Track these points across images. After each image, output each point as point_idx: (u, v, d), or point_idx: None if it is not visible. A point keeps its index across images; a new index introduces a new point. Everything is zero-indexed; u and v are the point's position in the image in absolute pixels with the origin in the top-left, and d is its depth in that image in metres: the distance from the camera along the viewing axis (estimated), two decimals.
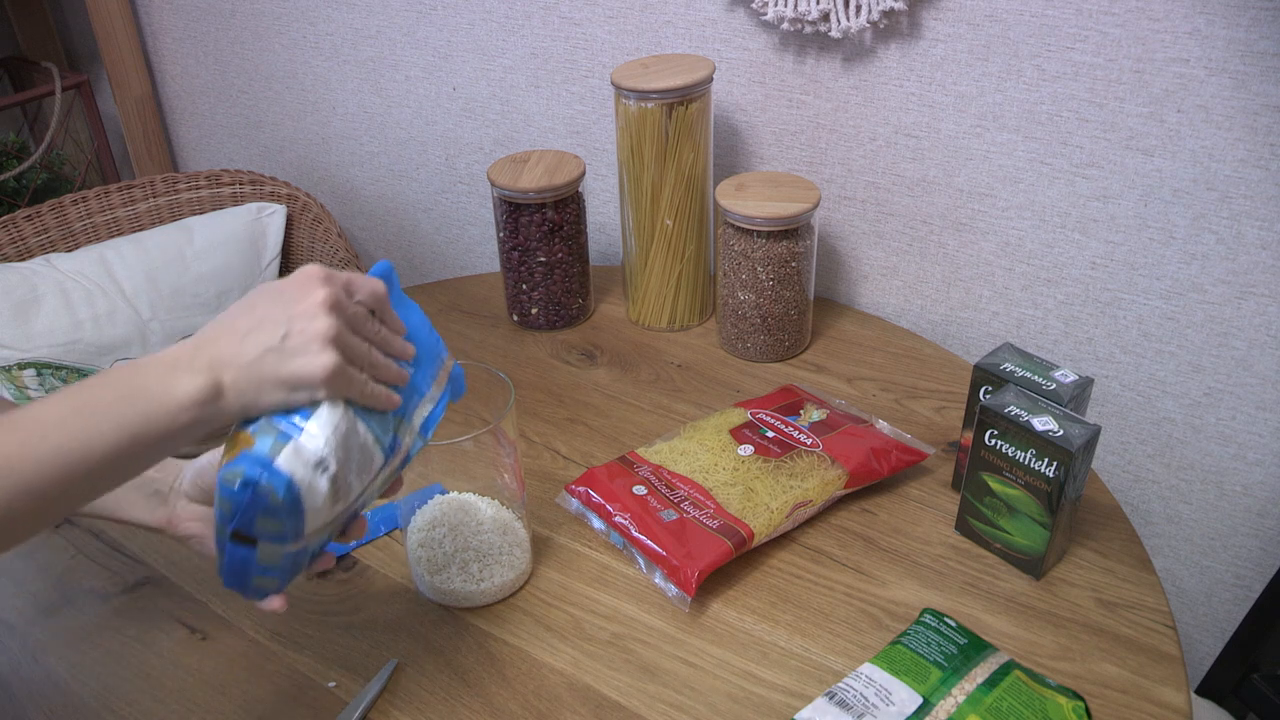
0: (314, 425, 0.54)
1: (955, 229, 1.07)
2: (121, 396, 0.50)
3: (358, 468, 0.57)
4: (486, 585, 0.77)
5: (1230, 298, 0.94)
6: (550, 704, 0.70)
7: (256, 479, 0.52)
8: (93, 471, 0.48)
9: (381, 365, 0.58)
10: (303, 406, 0.54)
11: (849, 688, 0.66)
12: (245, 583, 0.57)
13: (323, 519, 0.56)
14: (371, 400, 0.57)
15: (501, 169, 1.08)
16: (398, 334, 0.60)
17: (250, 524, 0.53)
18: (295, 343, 0.52)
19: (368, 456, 0.58)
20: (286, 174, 1.68)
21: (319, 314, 0.53)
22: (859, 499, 0.87)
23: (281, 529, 0.54)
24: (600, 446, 0.95)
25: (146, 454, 0.51)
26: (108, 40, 1.65)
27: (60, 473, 0.47)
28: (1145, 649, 0.72)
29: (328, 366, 0.53)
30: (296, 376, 0.53)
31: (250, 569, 0.56)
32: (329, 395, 0.54)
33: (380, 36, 1.41)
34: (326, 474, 0.54)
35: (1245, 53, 0.85)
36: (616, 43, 1.20)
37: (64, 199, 1.38)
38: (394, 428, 0.60)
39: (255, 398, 0.53)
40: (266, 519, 0.53)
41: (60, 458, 0.47)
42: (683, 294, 1.11)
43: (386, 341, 0.59)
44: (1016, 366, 0.80)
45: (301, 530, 0.55)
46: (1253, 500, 1.02)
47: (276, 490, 0.52)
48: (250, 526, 0.54)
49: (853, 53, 1.04)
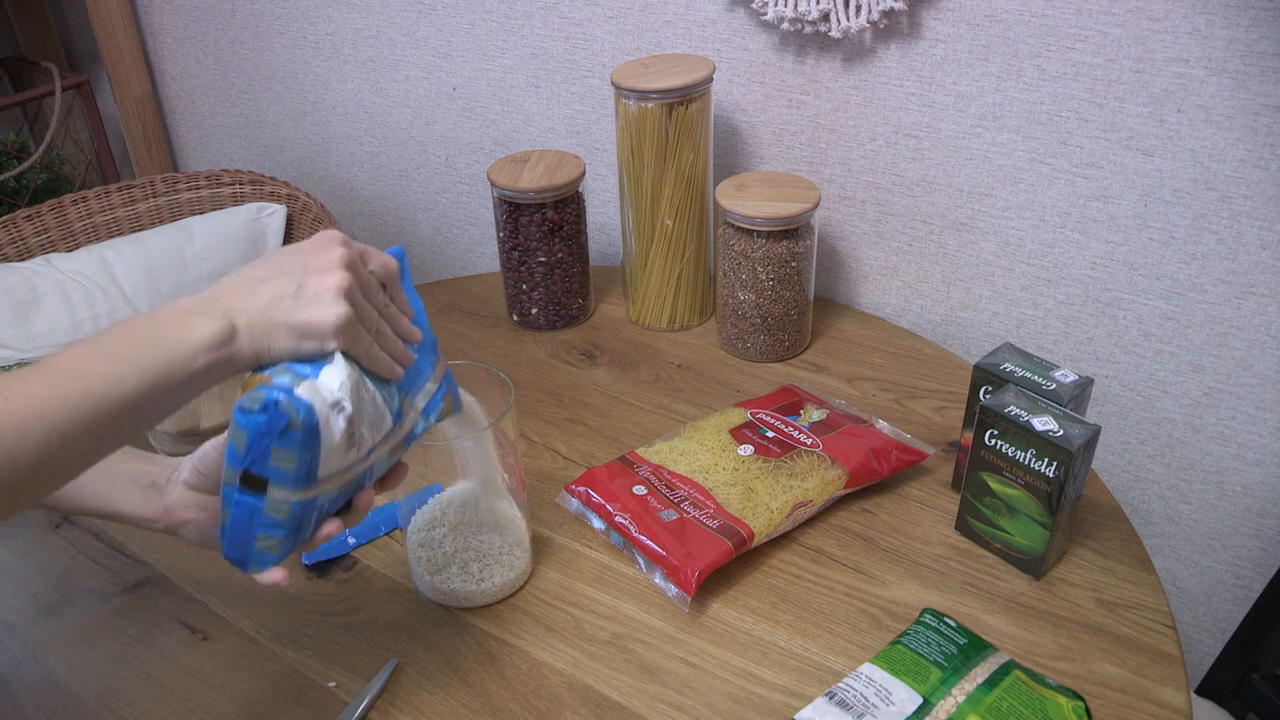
0: (327, 373, 0.54)
1: (955, 229, 1.07)
2: (141, 342, 0.51)
3: (370, 421, 0.57)
4: (486, 585, 0.77)
5: (1230, 298, 0.95)
6: (550, 704, 0.70)
7: (278, 400, 0.52)
8: (118, 417, 0.50)
9: (388, 335, 0.59)
10: (313, 357, 0.55)
11: (849, 688, 0.66)
12: (247, 546, 0.56)
13: (336, 464, 0.55)
14: (377, 364, 0.58)
15: (501, 169, 1.08)
16: (405, 314, 0.61)
17: (265, 457, 0.53)
18: (309, 293, 0.54)
19: (379, 414, 0.58)
20: (286, 174, 1.68)
21: (335, 269, 0.54)
22: (859, 499, 0.87)
23: (295, 464, 0.53)
24: (600, 446, 0.95)
25: (168, 399, 0.52)
26: (108, 40, 1.65)
27: (88, 417, 0.49)
28: (1145, 649, 0.72)
29: (340, 316, 0.54)
30: (308, 324, 0.53)
31: (255, 524, 0.55)
32: (338, 346, 0.54)
33: (380, 36, 1.41)
34: (343, 415, 0.54)
35: (1245, 53, 0.85)
36: (616, 43, 1.20)
37: (64, 199, 1.38)
38: (399, 401, 0.60)
39: (267, 343, 0.53)
40: (282, 450, 0.53)
41: (88, 402, 0.48)
42: (683, 294, 1.11)
43: (394, 317, 0.60)
44: (1016, 366, 0.80)
45: (315, 471, 0.54)
46: (1253, 500, 1.02)
47: (298, 411, 0.52)
48: (264, 461, 0.53)
49: (853, 53, 1.04)
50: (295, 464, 0.53)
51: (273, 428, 0.52)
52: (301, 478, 0.54)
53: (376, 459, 0.60)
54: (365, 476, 0.60)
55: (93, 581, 0.82)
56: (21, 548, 0.87)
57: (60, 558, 0.85)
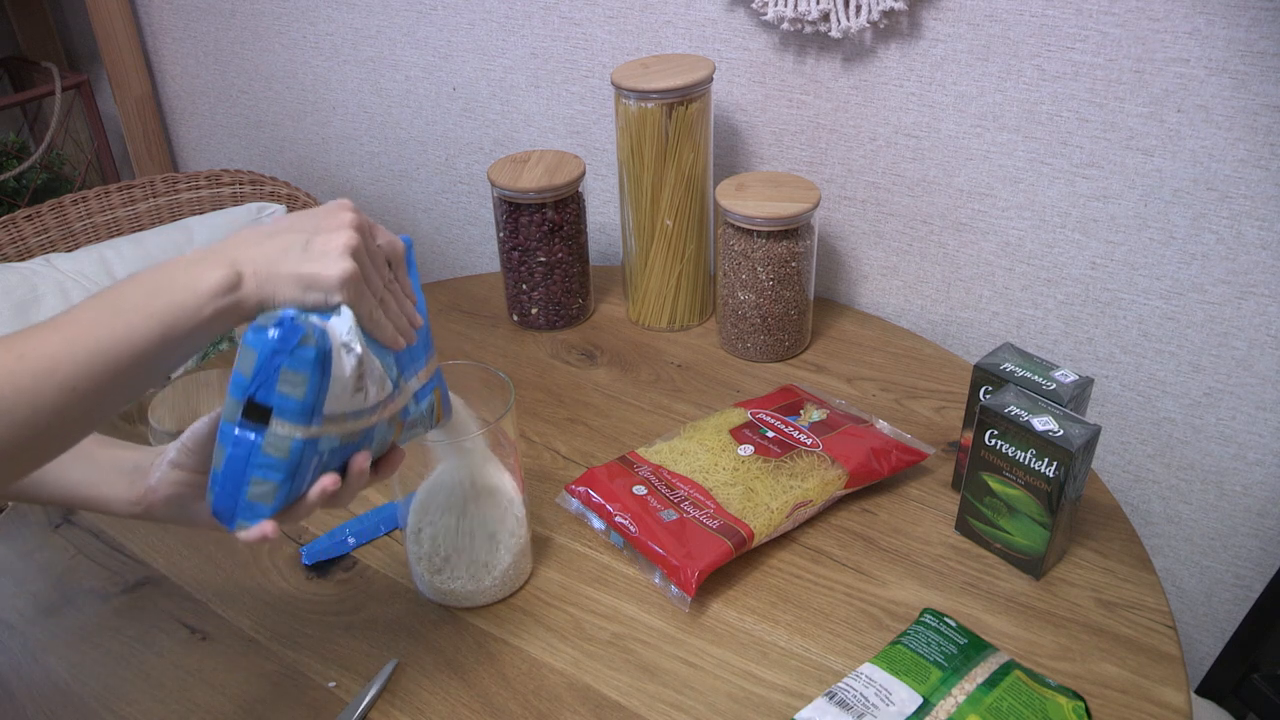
0: (335, 321, 0.55)
1: (955, 229, 1.07)
2: (150, 291, 0.52)
3: (375, 377, 0.57)
4: (486, 585, 0.77)
5: (1230, 298, 0.95)
6: (550, 704, 0.70)
7: (293, 315, 0.52)
8: (129, 368, 0.50)
9: (392, 306, 0.59)
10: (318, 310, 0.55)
11: (849, 688, 0.66)
12: (239, 492, 0.55)
13: (341, 404, 0.55)
14: (379, 329, 0.58)
15: (501, 169, 1.08)
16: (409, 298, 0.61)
17: (273, 379, 0.52)
18: (316, 248, 0.54)
19: (381, 375, 0.58)
20: (286, 174, 1.68)
21: (344, 229, 0.55)
22: (859, 499, 0.87)
23: (304, 390, 0.53)
24: (600, 446, 0.95)
25: (177, 348, 0.52)
26: (108, 40, 1.65)
27: (100, 369, 0.49)
28: (1145, 649, 0.72)
29: (346, 271, 0.54)
30: (314, 275, 0.54)
31: (251, 464, 0.54)
32: (343, 299, 0.54)
33: (380, 36, 1.41)
34: (352, 355, 0.54)
35: (1245, 53, 0.85)
36: (616, 43, 1.20)
37: (64, 199, 1.38)
38: (396, 375, 0.59)
39: (272, 290, 0.54)
40: (292, 373, 0.52)
41: (101, 353, 0.49)
42: (683, 294, 1.11)
43: (398, 296, 0.60)
44: (1016, 366, 0.80)
45: (321, 403, 0.54)
46: (1253, 500, 1.02)
47: (312, 332, 0.52)
48: (272, 385, 0.52)
49: (853, 53, 1.04)
50: (304, 389, 0.53)
51: (287, 343, 0.52)
52: (307, 408, 0.53)
53: (378, 421, 0.59)
54: (364, 440, 0.59)
55: (93, 581, 0.82)
56: (21, 548, 0.87)
57: (60, 558, 0.85)
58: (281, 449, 0.54)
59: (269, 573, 0.82)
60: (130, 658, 0.75)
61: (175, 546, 0.85)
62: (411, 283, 0.62)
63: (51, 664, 0.75)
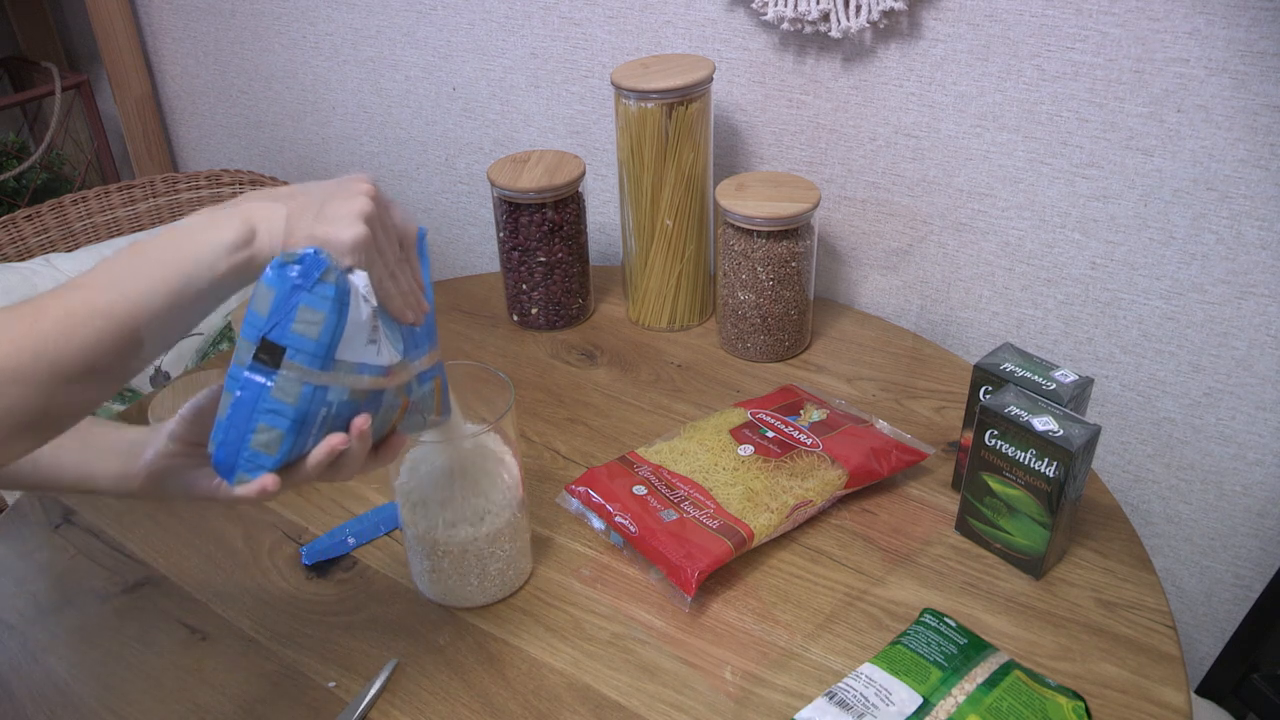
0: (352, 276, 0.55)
1: (955, 229, 1.07)
2: (168, 246, 0.53)
3: (387, 337, 0.57)
4: (487, 585, 0.77)
5: (1230, 298, 0.95)
6: (550, 704, 0.70)
7: (316, 251, 0.52)
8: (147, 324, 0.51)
9: (401, 280, 0.59)
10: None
11: (849, 688, 0.66)
12: (242, 441, 0.54)
13: (354, 354, 0.55)
14: (389, 298, 0.58)
15: (501, 169, 1.08)
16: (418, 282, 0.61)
17: (290, 317, 0.52)
18: (330, 212, 0.55)
19: (391, 340, 0.58)
20: (286, 174, 1.68)
21: (360, 196, 0.56)
22: (859, 499, 0.87)
23: (320, 330, 0.53)
24: (600, 446, 0.95)
25: (193, 306, 0.53)
26: (108, 40, 1.65)
27: (123, 326, 0.50)
28: (1145, 649, 0.72)
29: (358, 234, 0.54)
30: (326, 237, 0.54)
31: (258, 410, 0.53)
32: (353, 263, 0.55)
33: (380, 36, 1.41)
34: (369, 305, 0.55)
35: (1245, 53, 0.85)
36: (616, 43, 1.20)
37: (64, 199, 1.38)
38: (402, 350, 0.59)
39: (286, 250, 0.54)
40: (310, 311, 0.52)
41: (124, 309, 0.50)
42: (683, 294, 1.11)
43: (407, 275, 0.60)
44: (1016, 366, 0.80)
45: (335, 346, 0.53)
46: (1253, 500, 1.02)
47: (333, 269, 0.52)
48: (288, 324, 0.52)
49: (853, 53, 1.04)
50: (319, 328, 0.53)
51: (308, 278, 0.52)
52: (321, 350, 0.53)
53: (387, 384, 0.58)
54: (369, 404, 0.58)
55: (93, 581, 0.82)
56: (21, 548, 0.87)
57: (60, 558, 0.85)
58: (291, 394, 0.53)
59: (269, 573, 0.82)
60: (130, 658, 0.75)
61: (175, 546, 0.85)
62: (422, 270, 0.62)
63: (51, 664, 0.75)
